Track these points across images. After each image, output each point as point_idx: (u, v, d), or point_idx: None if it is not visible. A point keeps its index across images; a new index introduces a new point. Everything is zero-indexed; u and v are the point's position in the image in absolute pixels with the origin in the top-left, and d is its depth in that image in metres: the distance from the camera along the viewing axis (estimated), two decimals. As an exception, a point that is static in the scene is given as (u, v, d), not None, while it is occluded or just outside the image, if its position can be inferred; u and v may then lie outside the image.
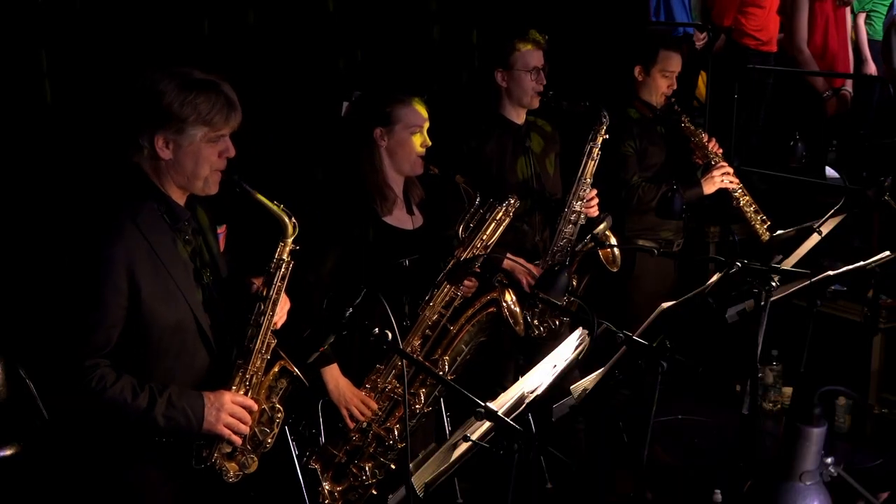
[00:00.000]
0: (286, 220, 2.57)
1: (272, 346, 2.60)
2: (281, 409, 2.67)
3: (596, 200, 3.92)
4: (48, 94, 3.63)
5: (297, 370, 2.69)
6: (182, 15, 3.94)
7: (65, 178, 3.65)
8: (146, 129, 2.40)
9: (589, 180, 3.90)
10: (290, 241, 2.58)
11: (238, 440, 2.53)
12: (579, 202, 3.89)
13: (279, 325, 2.65)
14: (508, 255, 3.74)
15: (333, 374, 3.24)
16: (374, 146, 3.30)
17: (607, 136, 3.93)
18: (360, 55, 4.45)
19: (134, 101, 2.41)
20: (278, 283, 2.58)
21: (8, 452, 3.07)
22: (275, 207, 2.55)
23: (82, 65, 3.68)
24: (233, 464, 2.58)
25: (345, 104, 3.51)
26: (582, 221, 3.93)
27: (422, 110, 3.34)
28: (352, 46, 4.44)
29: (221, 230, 2.78)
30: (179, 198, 2.51)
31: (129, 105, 2.42)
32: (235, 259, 2.88)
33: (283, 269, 2.58)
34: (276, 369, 2.66)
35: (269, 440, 2.64)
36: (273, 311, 2.58)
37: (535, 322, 3.83)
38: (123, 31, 3.76)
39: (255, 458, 2.62)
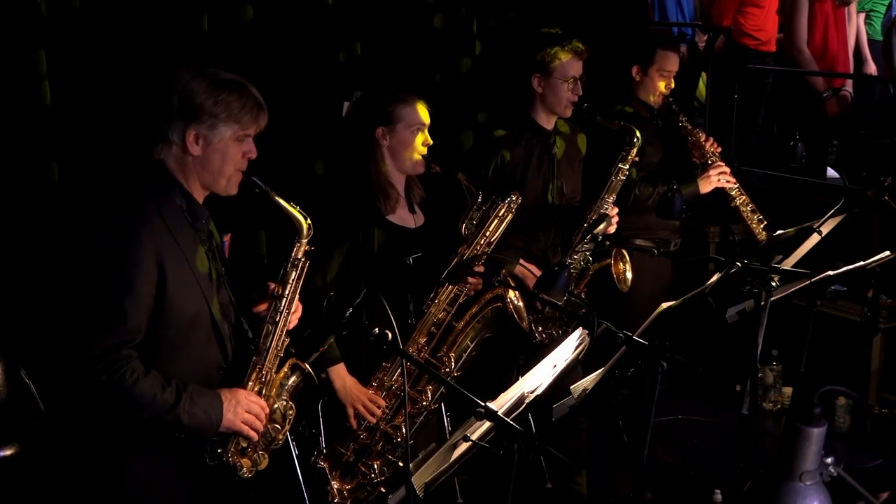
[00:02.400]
0: (302, 221, 2.62)
1: (286, 344, 2.64)
2: (293, 405, 2.70)
3: (616, 219, 3.86)
4: (48, 94, 3.62)
5: (308, 367, 2.72)
6: (181, 12, 3.94)
7: (63, 178, 3.64)
8: (179, 123, 2.43)
9: (612, 199, 3.87)
10: (305, 241, 2.64)
11: (255, 436, 2.55)
12: None
13: (293, 326, 2.67)
14: (521, 261, 3.72)
15: (340, 374, 3.24)
16: (376, 145, 3.31)
17: (637, 159, 3.92)
18: (360, 48, 4.44)
19: (163, 97, 2.44)
20: (294, 283, 2.63)
21: (8, 452, 3.07)
22: (292, 209, 2.61)
23: (82, 65, 3.68)
24: (246, 460, 2.60)
25: (346, 104, 3.52)
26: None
27: (423, 110, 3.34)
28: (351, 39, 4.43)
29: (226, 238, 2.81)
30: (200, 197, 2.55)
31: (158, 101, 2.45)
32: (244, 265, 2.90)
33: (298, 269, 2.64)
34: (286, 368, 2.68)
35: (281, 437, 2.67)
36: (289, 309, 2.62)
37: (539, 328, 3.82)
38: (122, 29, 3.75)
39: (266, 456, 2.65)
